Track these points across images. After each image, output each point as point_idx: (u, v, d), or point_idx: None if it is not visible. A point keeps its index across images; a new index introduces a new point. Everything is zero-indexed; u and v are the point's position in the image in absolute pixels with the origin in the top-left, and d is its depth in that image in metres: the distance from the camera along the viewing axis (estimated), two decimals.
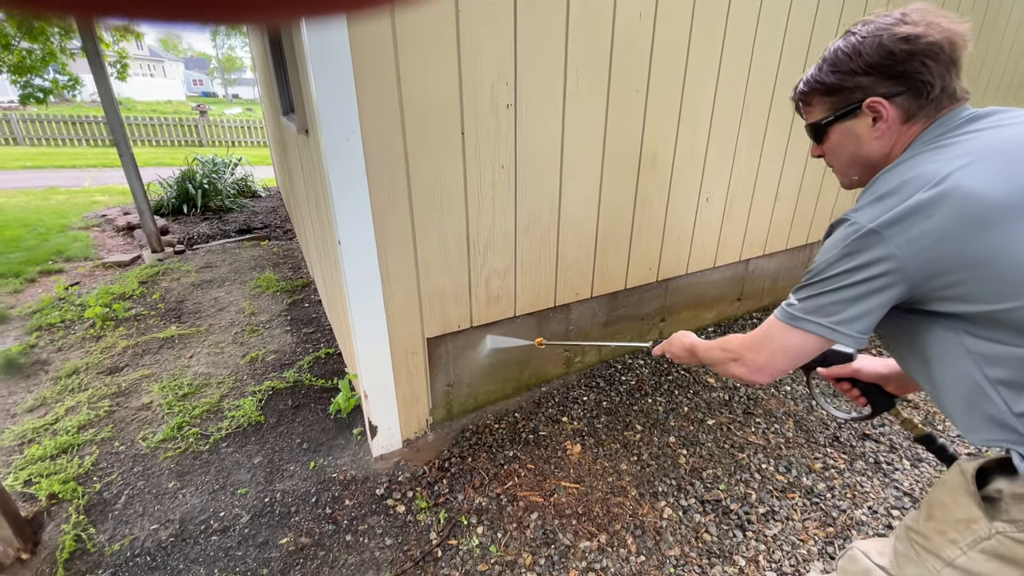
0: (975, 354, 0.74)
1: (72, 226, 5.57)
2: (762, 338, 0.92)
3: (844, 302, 0.79)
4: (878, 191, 0.78)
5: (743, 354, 0.95)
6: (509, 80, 1.77)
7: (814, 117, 0.93)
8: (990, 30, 3.44)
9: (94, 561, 1.64)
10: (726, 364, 1.00)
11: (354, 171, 1.61)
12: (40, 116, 12.50)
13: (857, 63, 0.83)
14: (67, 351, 2.92)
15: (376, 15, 1.47)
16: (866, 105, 0.84)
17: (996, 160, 0.70)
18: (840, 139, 0.90)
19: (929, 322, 0.78)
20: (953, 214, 0.69)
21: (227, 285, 3.88)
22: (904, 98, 0.81)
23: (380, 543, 1.69)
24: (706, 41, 2.19)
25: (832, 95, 0.88)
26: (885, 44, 0.79)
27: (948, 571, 0.81)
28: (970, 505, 0.78)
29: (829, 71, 0.87)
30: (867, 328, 0.80)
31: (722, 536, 1.71)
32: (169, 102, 34.04)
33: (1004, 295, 0.68)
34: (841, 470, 2.00)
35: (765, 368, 0.91)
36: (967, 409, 0.78)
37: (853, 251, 0.76)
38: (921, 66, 0.78)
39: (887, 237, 0.73)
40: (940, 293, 0.73)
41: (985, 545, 0.76)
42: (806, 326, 0.83)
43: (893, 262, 0.73)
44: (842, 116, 0.88)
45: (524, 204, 2.00)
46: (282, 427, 2.27)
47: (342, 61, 1.47)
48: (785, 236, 3.10)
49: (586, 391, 2.49)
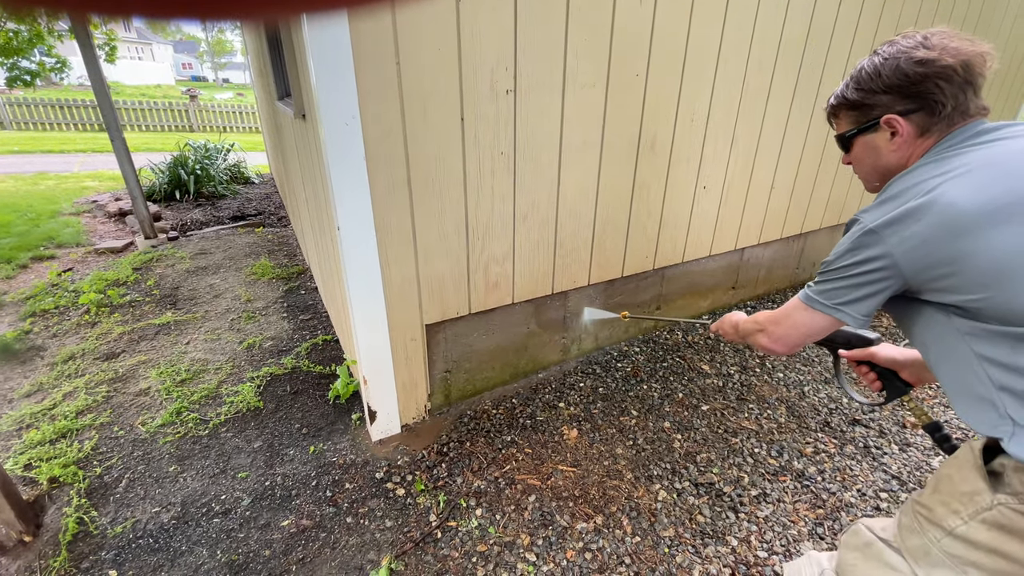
0: (964, 333, 0.82)
1: (63, 212, 5.50)
2: (782, 315, 1.06)
3: (847, 288, 0.90)
4: (885, 195, 0.88)
5: (767, 326, 1.10)
6: (509, 65, 1.76)
7: (841, 129, 1.03)
8: (985, 27, 3.45)
9: (96, 543, 1.66)
10: (755, 335, 1.14)
11: (353, 156, 1.60)
12: (27, 100, 12.25)
13: (877, 83, 0.92)
14: (62, 337, 2.91)
15: (376, 12, 1.46)
16: (884, 121, 0.92)
17: (982, 172, 0.78)
18: (862, 150, 1.00)
19: (925, 307, 0.87)
20: (935, 221, 0.78)
21: (222, 272, 3.86)
22: (919, 115, 0.89)
23: (380, 525, 1.72)
24: (706, 26, 2.19)
25: (855, 110, 0.98)
26: (902, 67, 0.88)
27: (947, 540, 0.85)
28: (976, 478, 0.82)
29: (854, 88, 0.96)
30: (868, 311, 0.90)
31: (715, 517, 1.76)
32: (159, 86, 33.42)
33: (981, 287, 0.77)
34: (831, 454, 2.04)
35: (783, 339, 1.05)
36: (961, 389, 0.84)
37: (857, 246, 0.87)
38: (935, 87, 0.86)
39: (884, 236, 0.83)
40: (931, 285, 0.82)
41: (986, 515, 0.80)
42: (816, 306, 0.96)
43: (888, 259, 0.83)
44: (864, 130, 0.97)
45: (523, 191, 2.01)
46: (281, 412, 2.29)
47: (341, 46, 1.46)
48: (780, 225, 3.13)
49: (583, 377, 2.52)
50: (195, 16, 0.14)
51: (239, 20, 0.16)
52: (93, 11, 0.14)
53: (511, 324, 2.31)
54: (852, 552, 1.02)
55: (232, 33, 42.30)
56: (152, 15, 0.14)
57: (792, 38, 2.50)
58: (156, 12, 0.14)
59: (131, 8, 0.14)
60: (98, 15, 0.14)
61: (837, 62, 2.76)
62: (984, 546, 0.80)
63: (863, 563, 0.99)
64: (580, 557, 1.61)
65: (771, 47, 2.45)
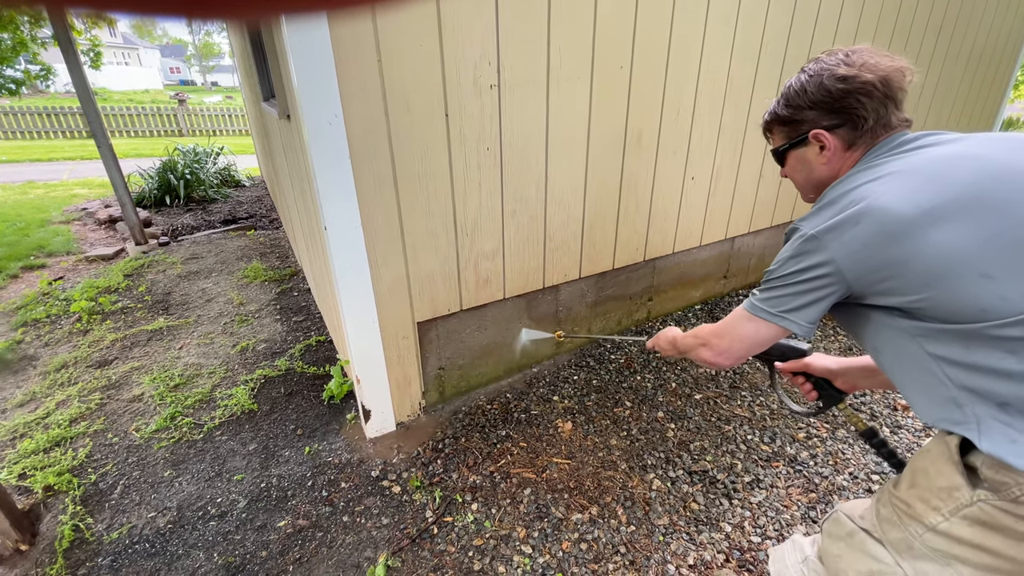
0: (914, 335, 0.83)
1: (52, 220, 5.46)
2: (725, 327, 1.05)
3: (791, 296, 0.91)
4: (822, 203, 0.91)
5: (709, 340, 1.09)
6: (492, 60, 1.76)
7: (775, 144, 1.08)
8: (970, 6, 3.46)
9: (93, 550, 1.66)
10: (696, 349, 1.13)
11: (338, 155, 1.60)
12: (12, 108, 12.11)
13: (804, 99, 0.96)
14: (54, 346, 2.89)
15: (357, 15, 1.45)
16: (812, 136, 0.97)
17: (910, 177, 0.81)
18: (795, 163, 1.04)
19: (873, 312, 0.88)
20: (872, 226, 0.80)
21: (214, 276, 3.85)
22: (843, 130, 0.94)
23: (377, 523, 1.73)
24: (690, 17, 2.19)
25: (786, 126, 1.02)
26: (825, 84, 0.92)
27: (929, 535, 0.84)
28: (952, 473, 0.81)
29: (783, 105, 1.01)
30: (813, 319, 0.91)
31: (709, 505, 1.77)
32: (146, 91, 33.13)
33: (922, 287, 0.78)
34: (823, 439, 2.06)
35: (727, 352, 1.05)
36: (919, 390, 0.85)
37: (799, 253, 0.89)
38: (856, 103, 0.90)
39: (825, 242, 0.85)
40: (874, 288, 0.84)
41: (967, 512, 0.79)
42: (761, 314, 0.96)
43: (832, 265, 0.85)
44: (795, 145, 1.01)
45: (511, 185, 2.01)
46: (276, 414, 2.29)
47: (322, 44, 1.46)
48: (770, 213, 3.14)
49: (576, 370, 2.53)
50: (175, 13, 0.14)
51: (215, 18, 0.16)
52: (71, 6, 0.14)
53: (503, 319, 2.31)
54: (836, 542, 1.02)
55: (219, 36, 41.95)
56: (132, 11, 0.14)
57: (777, 29, 2.50)
58: (136, 8, 0.14)
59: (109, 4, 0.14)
60: (75, 10, 0.14)
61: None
62: (967, 542, 0.80)
63: (848, 553, 0.98)
64: (576, 548, 1.62)
65: (755, 38, 2.45)
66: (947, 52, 3.56)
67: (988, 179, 0.77)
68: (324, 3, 0.16)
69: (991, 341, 0.74)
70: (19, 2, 0.14)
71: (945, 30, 3.43)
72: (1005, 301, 0.73)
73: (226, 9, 0.15)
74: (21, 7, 0.14)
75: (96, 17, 0.14)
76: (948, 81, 3.75)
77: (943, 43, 3.48)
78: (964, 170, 0.78)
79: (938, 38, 3.42)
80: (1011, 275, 0.73)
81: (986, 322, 0.74)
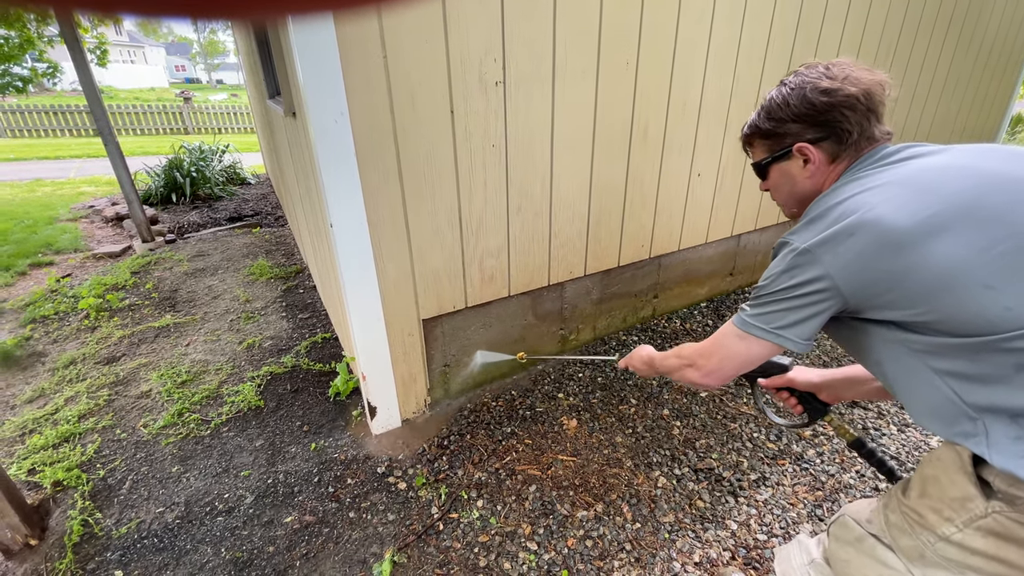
0: (917, 350, 0.80)
1: (60, 218, 5.50)
2: (714, 345, 1.00)
3: (785, 311, 0.88)
4: (810, 216, 0.88)
5: (695, 360, 1.04)
6: (497, 57, 1.75)
7: (756, 157, 1.05)
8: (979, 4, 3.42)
9: (102, 544, 1.68)
10: (681, 370, 1.08)
11: (343, 153, 1.60)
12: (20, 107, 12.20)
13: (787, 112, 0.94)
14: (63, 342, 2.92)
15: (363, 15, 1.45)
16: (796, 149, 0.95)
17: (900, 189, 0.80)
18: (778, 177, 1.02)
19: (872, 327, 0.85)
20: (868, 239, 0.78)
21: (220, 273, 3.87)
22: (828, 143, 0.92)
23: (383, 519, 1.74)
24: (696, 13, 2.17)
25: (768, 139, 1.00)
26: (808, 96, 0.91)
27: (942, 545, 0.82)
28: (965, 484, 0.79)
29: (765, 118, 0.98)
30: (808, 335, 0.88)
31: (715, 502, 1.77)
32: (152, 89, 33.30)
33: (923, 300, 0.76)
34: (830, 436, 2.05)
35: (716, 372, 1.00)
36: (924, 404, 0.83)
37: (792, 267, 0.86)
38: (840, 116, 0.89)
39: (819, 256, 0.82)
40: (872, 302, 0.81)
41: (981, 523, 0.77)
42: (754, 331, 0.92)
43: (827, 280, 0.82)
44: (778, 158, 0.99)
45: (516, 183, 2.00)
46: (282, 411, 2.30)
47: (327, 41, 1.45)
48: (776, 210, 3.12)
49: (581, 368, 2.53)
50: (181, 13, 0.14)
51: (222, 19, 0.15)
52: (78, 8, 0.14)
53: (508, 316, 2.31)
54: (844, 547, 1.00)
55: (224, 34, 42.07)
56: (137, 12, 0.14)
57: (784, 25, 2.48)
58: (143, 9, 0.14)
59: (116, 6, 0.14)
60: (83, 12, 0.14)
61: (828, 48, 2.74)
62: (981, 552, 0.78)
63: (857, 559, 0.96)
64: (581, 545, 1.62)
65: (762, 34, 2.43)
66: (957, 44, 3.52)
67: (981, 188, 0.75)
68: (330, 3, 0.16)
69: (999, 354, 0.72)
70: (26, 1, 0.14)
71: (955, 22, 3.39)
72: (1010, 312, 0.71)
73: (232, 10, 0.15)
74: (28, 6, 0.14)
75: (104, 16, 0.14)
76: (957, 75, 3.71)
77: (953, 35, 3.44)
78: (955, 180, 0.77)
79: (948, 30, 3.38)
80: (1013, 285, 0.71)
81: (993, 335, 0.72)
